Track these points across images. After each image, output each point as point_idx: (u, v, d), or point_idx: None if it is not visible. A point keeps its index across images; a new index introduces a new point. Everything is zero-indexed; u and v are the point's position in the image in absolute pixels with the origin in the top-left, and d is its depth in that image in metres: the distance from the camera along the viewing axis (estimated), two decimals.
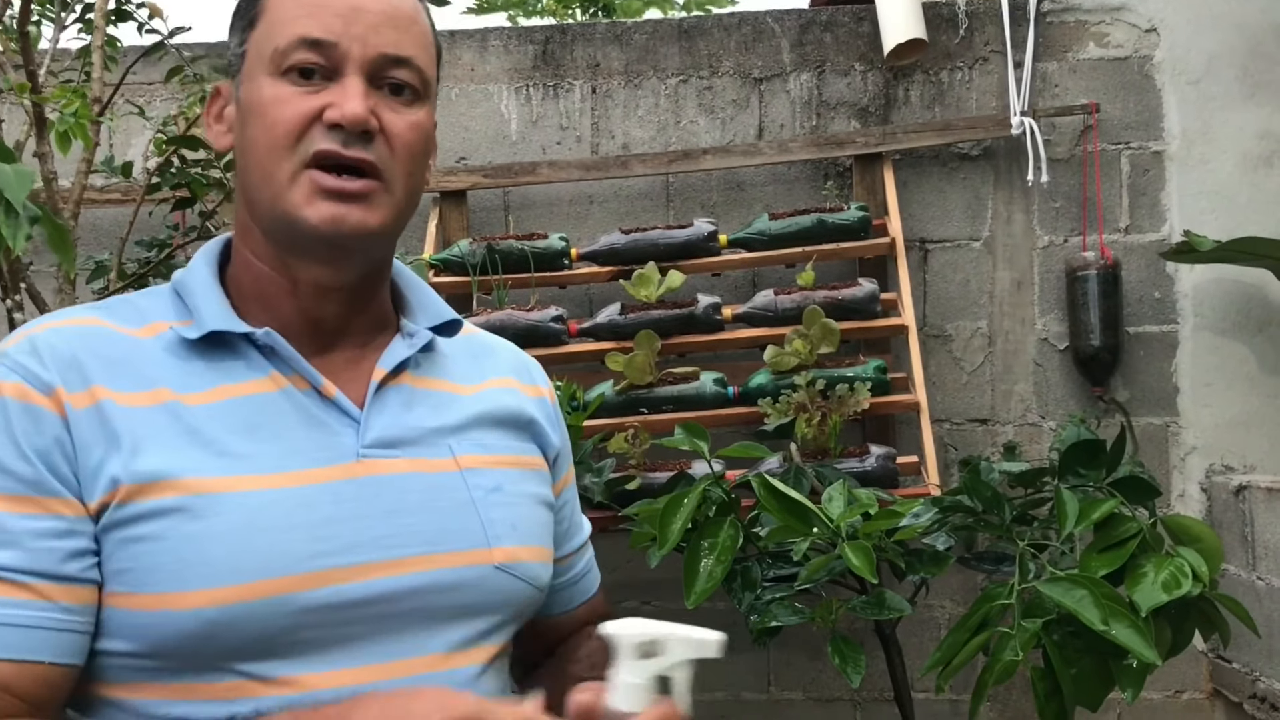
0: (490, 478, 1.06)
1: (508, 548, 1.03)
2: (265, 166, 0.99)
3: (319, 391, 1.00)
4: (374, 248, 1.04)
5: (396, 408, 1.03)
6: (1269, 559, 2.66)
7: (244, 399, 0.98)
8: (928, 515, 2.03)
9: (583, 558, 1.25)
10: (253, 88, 1.01)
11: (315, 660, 0.93)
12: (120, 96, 2.26)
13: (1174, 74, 3.04)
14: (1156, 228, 3.05)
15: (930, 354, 3.06)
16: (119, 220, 2.77)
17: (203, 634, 0.90)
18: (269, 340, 1.00)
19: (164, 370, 0.98)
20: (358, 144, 0.98)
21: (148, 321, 1.01)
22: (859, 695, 3.03)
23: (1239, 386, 3.01)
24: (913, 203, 3.08)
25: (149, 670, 0.92)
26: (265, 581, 0.91)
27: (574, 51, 3.17)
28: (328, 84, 0.99)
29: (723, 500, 2.10)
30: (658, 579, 2.49)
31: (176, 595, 0.90)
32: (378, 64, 1.00)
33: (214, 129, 1.08)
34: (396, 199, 1.01)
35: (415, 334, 1.08)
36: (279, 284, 1.03)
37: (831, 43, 3.14)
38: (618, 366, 2.71)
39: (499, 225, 3.15)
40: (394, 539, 0.97)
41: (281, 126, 0.98)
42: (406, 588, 0.97)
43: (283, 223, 0.99)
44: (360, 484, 0.98)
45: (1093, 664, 1.96)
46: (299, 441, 0.98)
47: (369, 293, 1.07)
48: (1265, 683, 2.68)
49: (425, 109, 1.04)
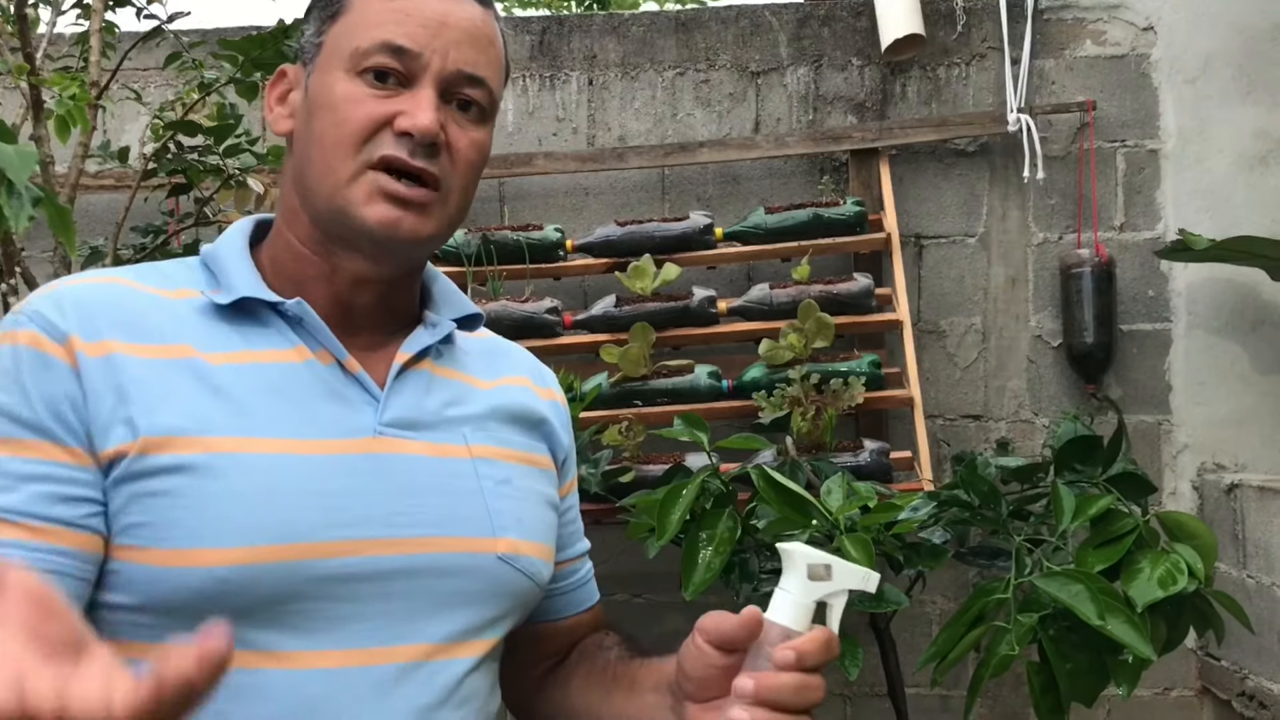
0: (501, 470, 1.06)
1: (511, 539, 1.03)
2: (329, 161, 1.00)
3: (342, 366, 1.01)
4: (419, 253, 1.06)
5: (416, 391, 1.04)
6: (1259, 557, 2.67)
7: (268, 365, 0.98)
8: (925, 509, 2.03)
9: (583, 566, 1.25)
10: (326, 80, 1.01)
11: (313, 635, 0.93)
12: (117, 82, 2.24)
13: (1171, 72, 3.05)
14: (1151, 226, 3.05)
15: (924, 349, 3.06)
16: (114, 206, 2.75)
17: (212, 593, 0.90)
18: (298, 310, 1.00)
19: (189, 329, 0.98)
20: (423, 155, 0.99)
21: (177, 286, 1.02)
22: (851, 690, 3.03)
23: (1232, 385, 3.02)
24: (908, 198, 3.08)
25: (146, 628, 0.92)
26: (278, 546, 0.91)
27: (571, 43, 3.16)
28: (401, 90, 1.00)
29: (721, 492, 2.10)
30: (651, 572, 2.49)
31: (192, 552, 0.89)
32: (453, 79, 1.01)
33: (275, 110, 1.09)
34: (450, 211, 1.03)
35: (438, 324, 1.09)
36: (317, 268, 1.04)
37: (829, 37, 3.13)
38: (612, 359, 2.71)
39: (494, 216, 3.14)
40: (402, 517, 0.98)
41: (351, 124, 0.99)
42: (409, 566, 0.97)
43: (337, 215, 1.00)
44: (375, 460, 0.98)
45: (1088, 659, 1.97)
46: (319, 412, 0.98)
47: (401, 287, 1.09)
48: (1254, 680, 2.70)
49: (488, 129, 1.06)
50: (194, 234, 2.41)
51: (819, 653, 0.88)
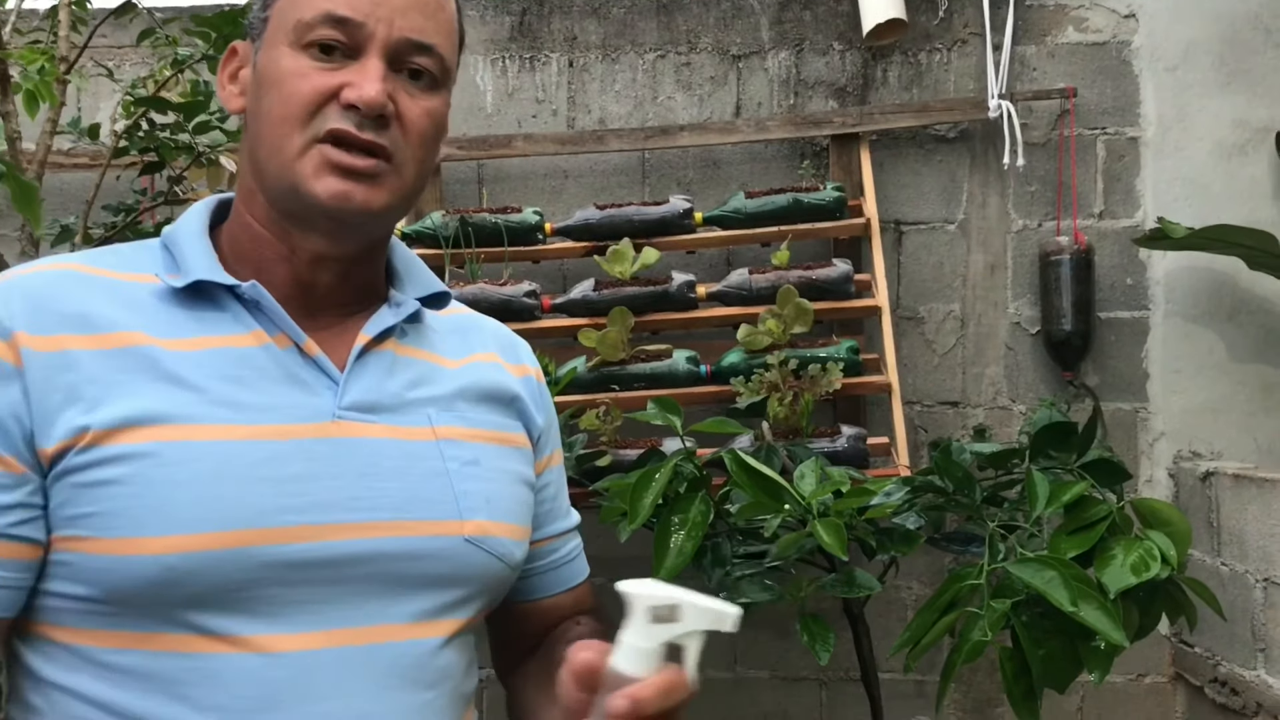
0: (468, 450, 1.05)
1: (479, 521, 1.02)
2: (276, 138, 0.98)
3: (301, 350, 1.00)
4: (377, 227, 1.05)
5: (378, 373, 1.03)
6: (1233, 545, 2.68)
7: (224, 350, 0.97)
8: (899, 494, 2.03)
9: (568, 543, 1.24)
10: (272, 56, 1.00)
11: (275, 620, 0.92)
12: (89, 59, 2.21)
13: (1151, 60, 3.05)
14: (1130, 214, 3.05)
15: (903, 335, 3.06)
16: (87, 185, 2.72)
17: (162, 581, 0.89)
18: (254, 294, 0.99)
19: (143, 316, 0.97)
20: (371, 127, 0.98)
21: (134, 270, 1.01)
22: (825, 675, 3.03)
23: (1208, 373, 3.03)
24: (888, 184, 3.08)
25: (103, 616, 0.91)
26: (230, 532, 0.90)
27: (551, 24, 3.14)
28: (348, 62, 0.98)
29: (694, 476, 2.09)
30: (624, 556, 2.46)
31: (137, 540, 0.89)
32: (400, 48, 1.00)
33: (227, 89, 1.08)
34: (404, 181, 1.02)
35: (403, 304, 1.08)
36: (276, 249, 1.03)
37: (811, 21, 3.12)
38: (590, 343, 2.70)
39: (473, 198, 3.12)
40: (363, 502, 0.96)
41: (297, 100, 0.98)
42: (372, 551, 0.96)
43: (289, 193, 0.99)
44: (334, 444, 0.97)
45: (1061, 645, 1.97)
46: (276, 397, 0.97)
47: (364, 265, 1.07)
48: (1226, 667, 2.71)
49: (442, 96, 1.05)
50: (167, 212, 2.38)
51: (657, 699, 0.84)
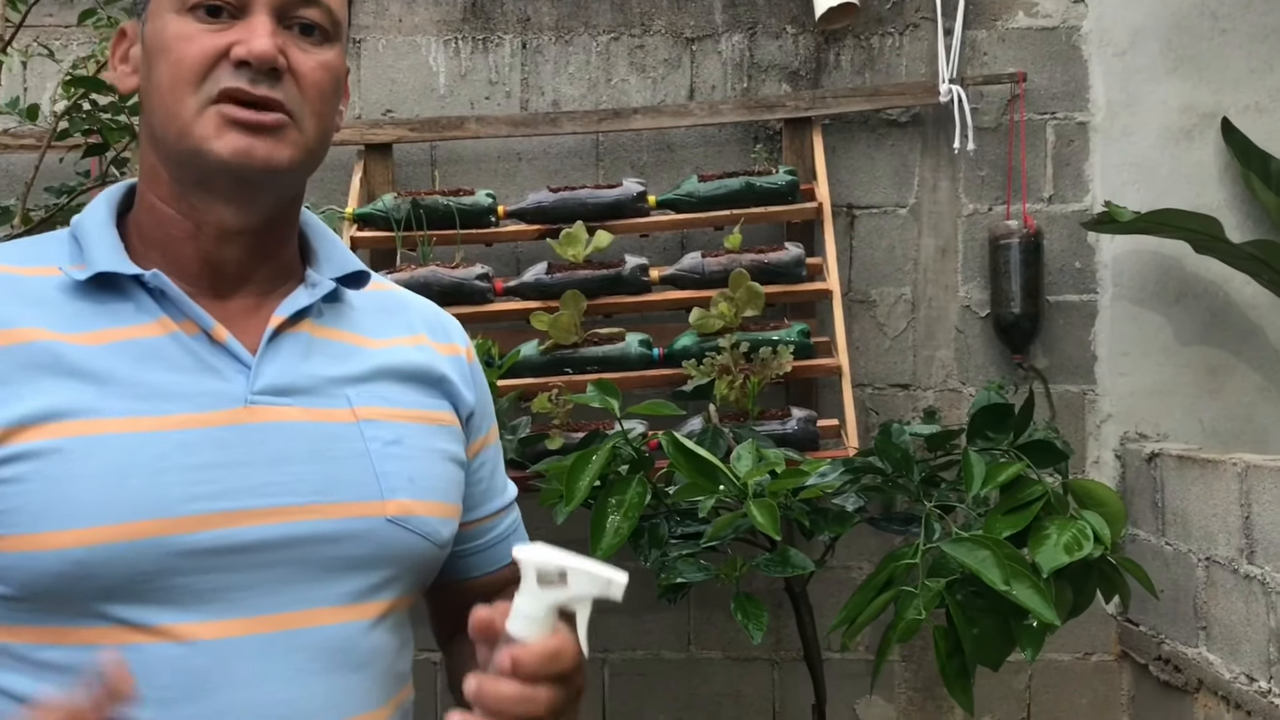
0: (390, 430, 1.04)
1: (402, 500, 1.02)
2: (170, 104, 0.97)
3: (209, 335, 0.99)
4: (282, 185, 1.03)
5: (292, 355, 1.02)
6: (1177, 525, 2.72)
7: (129, 342, 0.96)
8: (834, 474, 2.05)
9: (504, 520, 1.23)
10: (158, 26, 0.99)
11: (194, 609, 0.92)
12: (34, 39, 2.20)
13: (1100, 45, 3.07)
14: (1079, 198, 3.08)
15: (854, 319, 3.08)
16: (28, 166, 2.71)
17: (70, 575, 0.89)
18: (157, 282, 0.98)
19: (47, 311, 0.96)
20: (265, 82, 0.97)
21: (38, 263, 1.00)
22: (777, 655, 3.06)
23: (1154, 356, 3.06)
24: (841, 168, 3.09)
25: (23, 613, 0.91)
26: (136, 523, 0.90)
27: (504, 5, 3.13)
28: (235, 22, 0.97)
29: (634, 458, 2.11)
30: (568, 538, 2.47)
31: (41, 535, 0.89)
32: (287, 3, 0.99)
33: (119, 69, 1.06)
34: (307, 138, 1.00)
35: (319, 284, 1.06)
36: (182, 226, 1.01)
37: (764, 5, 3.13)
38: (543, 326, 2.71)
39: (425, 180, 3.12)
40: (278, 487, 0.96)
41: (187, 63, 0.96)
42: (289, 535, 0.96)
43: (190, 157, 0.98)
44: (247, 430, 0.96)
45: (994, 624, 2.00)
46: (184, 386, 0.96)
47: (274, 239, 1.05)
48: (1170, 645, 2.75)
49: (335, 49, 1.03)
50: None
51: (538, 664, 0.86)
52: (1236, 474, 2.42)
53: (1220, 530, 2.50)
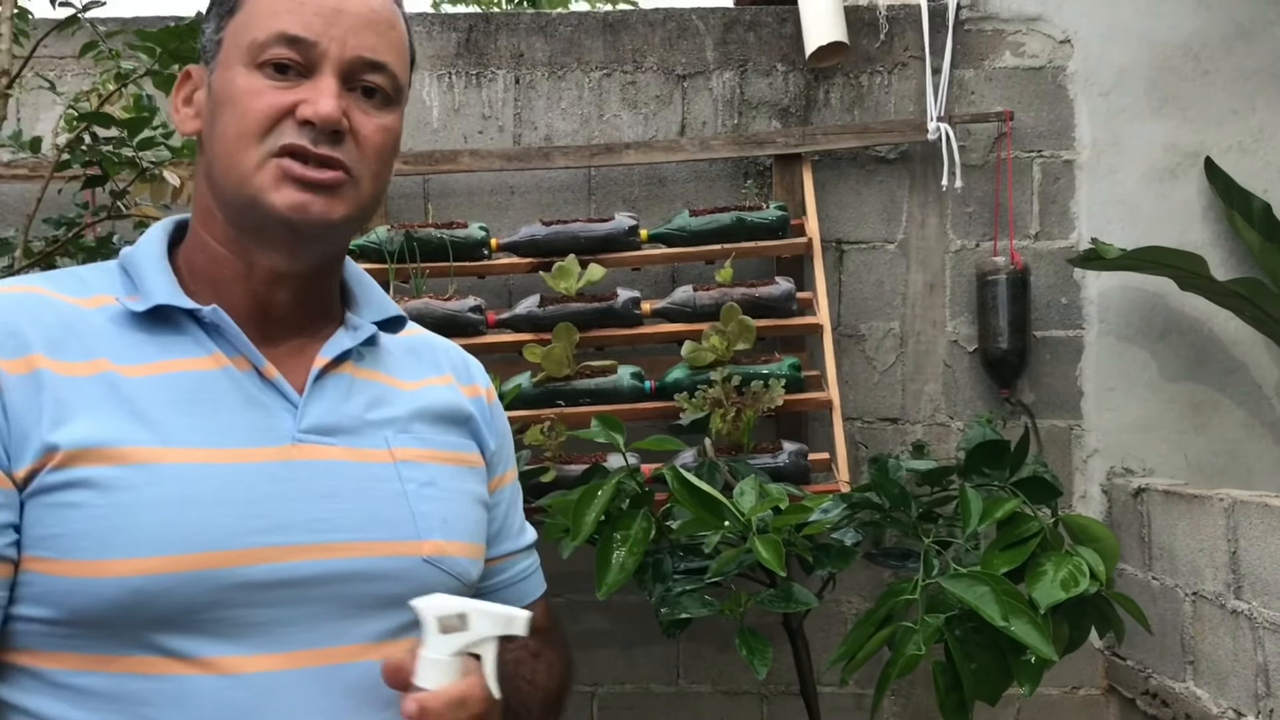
0: (424, 471, 1.06)
1: (437, 541, 1.04)
2: (234, 153, 1.00)
3: (260, 373, 1.01)
4: (334, 239, 1.06)
5: (336, 396, 1.04)
6: (1164, 559, 2.74)
7: (184, 374, 0.98)
8: (836, 511, 2.06)
9: (519, 563, 1.24)
10: (227, 76, 1.01)
11: (237, 642, 0.93)
12: (30, 70, 2.20)
13: (1086, 85, 3.12)
14: (1065, 235, 3.12)
15: (844, 353, 3.10)
16: (28, 198, 2.70)
17: (126, 604, 0.90)
18: (214, 318, 1.00)
19: (105, 341, 0.98)
20: (326, 143, 0.99)
21: (93, 294, 1.01)
22: (767, 689, 3.06)
23: (1140, 391, 3.10)
24: (830, 204, 3.12)
25: (67, 639, 0.92)
26: (193, 555, 0.91)
27: (498, 41, 3.16)
28: (302, 81, 1.00)
29: (636, 493, 2.11)
30: (568, 572, 2.49)
31: (103, 563, 0.90)
32: (354, 66, 1.01)
33: (182, 112, 1.08)
34: (361, 194, 1.03)
35: (360, 327, 1.09)
36: (234, 267, 1.04)
37: (755, 42, 3.16)
38: (535, 358, 2.71)
39: (418, 213, 3.13)
40: (324, 523, 0.98)
41: (253, 116, 0.99)
42: (333, 572, 0.97)
43: (247, 206, 1.00)
44: (294, 467, 0.98)
45: (992, 659, 2.02)
46: (236, 420, 0.98)
47: (320, 284, 1.08)
48: (1157, 679, 2.77)
49: (396, 113, 1.06)
50: (109, 227, 2.37)
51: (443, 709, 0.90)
52: (1223, 509, 2.45)
53: (1207, 565, 2.52)
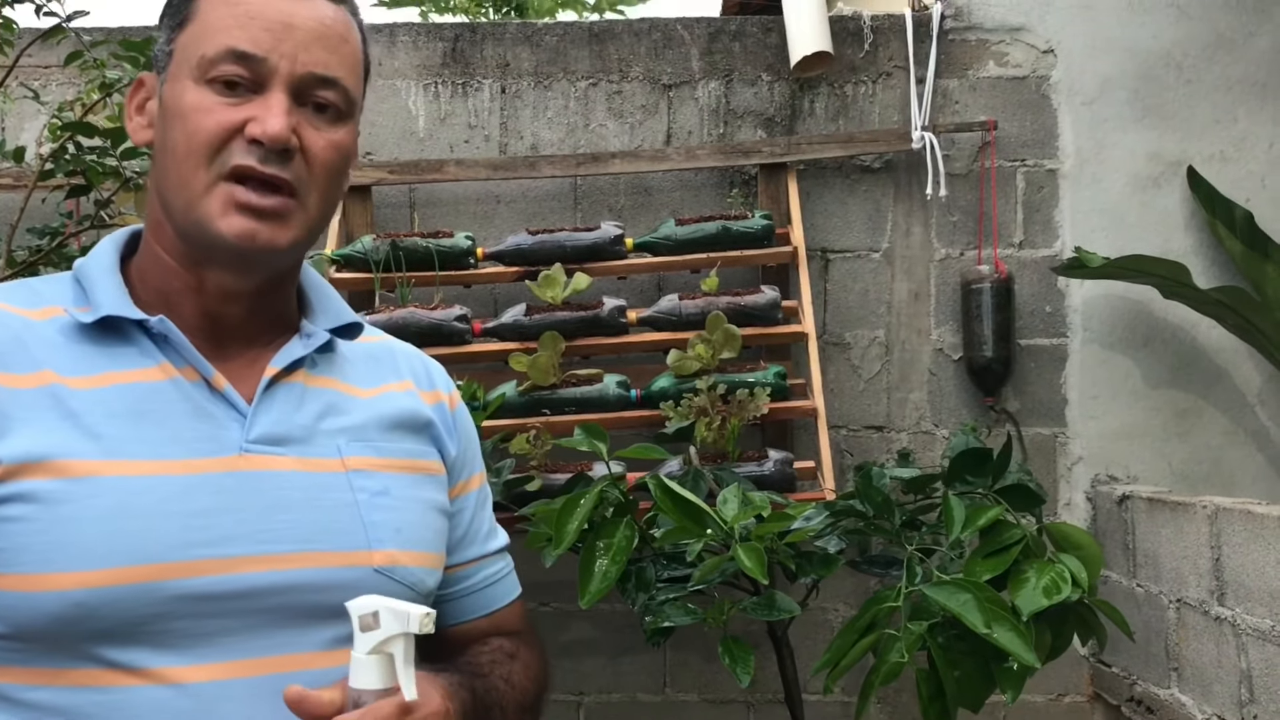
0: (378, 480, 1.06)
1: (389, 550, 1.03)
2: (182, 173, 0.99)
3: (209, 383, 1.01)
4: (281, 261, 1.05)
5: (286, 405, 1.04)
6: (1148, 567, 2.75)
7: (131, 386, 0.98)
8: (819, 518, 2.07)
9: (487, 567, 1.23)
10: (177, 90, 1.01)
11: (183, 652, 0.93)
12: (14, 79, 2.20)
13: (1069, 94, 3.14)
14: (1049, 243, 3.14)
15: (829, 361, 3.11)
16: (9, 206, 2.70)
17: (69, 617, 0.90)
18: (162, 328, 1.00)
19: (52, 352, 0.97)
20: (275, 162, 0.99)
21: (44, 305, 1.01)
22: (753, 697, 3.06)
23: (1124, 399, 3.11)
24: (815, 213, 3.13)
25: (14, 654, 0.92)
26: (135, 567, 0.91)
27: (484, 50, 3.16)
28: (252, 97, 0.99)
29: (620, 501, 2.11)
30: (552, 580, 2.50)
31: (44, 577, 0.90)
32: (304, 82, 1.01)
33: (135, 120, 1.08)
34: (309, 216, 1.03)
35: (313, 334, 1.08)
36: (185, 280, 1.03)
37: (740, 52, 3.18)
38: (521, 367, 2.71)
39: (404, 222, 3.13)
40: (270, 534, 0.98)
41: (201, 135, 0.98)
42: (280, 583, 0.97)
43: (195, 229, 0.99)
44: (241, 478, 0.98)
45: (975, 666, 2.02)
46: (182, 431, 0.98)
47: (273, 297, 1.08)
48: (1142, 686, 2.78)
49: (348, 128, 1.06)
50: (94, 236, 2.37)
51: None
52: (1207, 516, 2.46)
53: (1191, 572, 2.53)
